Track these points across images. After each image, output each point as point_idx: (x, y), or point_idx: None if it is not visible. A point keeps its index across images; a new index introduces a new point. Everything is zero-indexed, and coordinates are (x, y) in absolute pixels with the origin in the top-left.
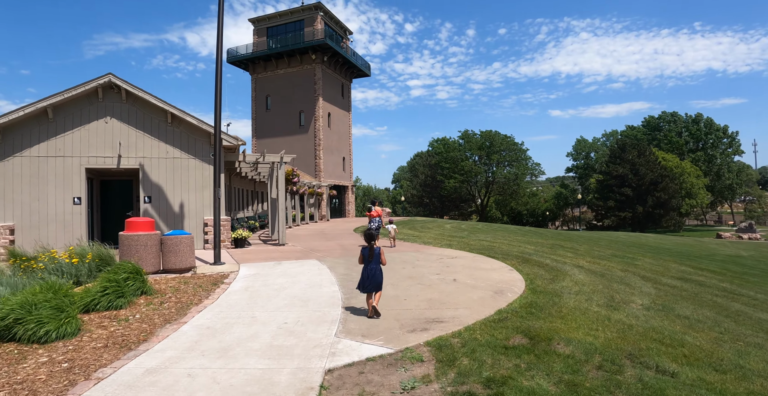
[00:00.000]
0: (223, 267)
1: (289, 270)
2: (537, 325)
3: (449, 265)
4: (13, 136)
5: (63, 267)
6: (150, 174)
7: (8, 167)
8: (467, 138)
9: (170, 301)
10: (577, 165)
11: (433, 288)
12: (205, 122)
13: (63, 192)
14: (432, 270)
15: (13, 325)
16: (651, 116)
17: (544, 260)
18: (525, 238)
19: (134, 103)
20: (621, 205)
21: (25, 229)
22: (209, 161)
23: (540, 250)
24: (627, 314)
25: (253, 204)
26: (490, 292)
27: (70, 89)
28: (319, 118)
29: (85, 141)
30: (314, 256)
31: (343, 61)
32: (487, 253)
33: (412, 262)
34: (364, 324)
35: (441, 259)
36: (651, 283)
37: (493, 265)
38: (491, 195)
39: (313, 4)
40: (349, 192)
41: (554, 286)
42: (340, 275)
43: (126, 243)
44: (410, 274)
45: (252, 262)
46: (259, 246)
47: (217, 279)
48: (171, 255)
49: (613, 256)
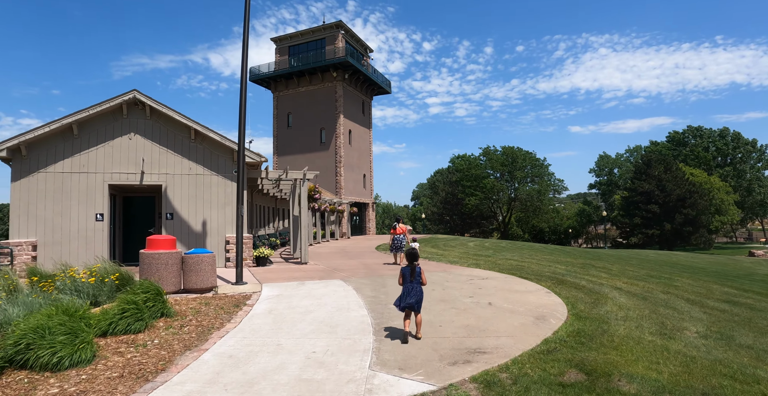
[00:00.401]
0: (245, 287)
1: (313, 291)
2: (591, 358)
3: (481, 287)
4: (39, 151)
5: (81, 287)
6: (172, 190)
7: (33, 183)
8: (488, 154)
9: (191, 325)
10: (600, 181)
11: (468, 313)
12: (228, 138)
13: (86, 208)
14: (464, 292)
15: (25, 351)
16: (675, 131)
17: (579, 281)
18: (553, 257)
19: (158, 120)
20: (648, 222)
21: (47, 246)
22: (232, 178)
23: (572, 271)
24: (685, 344)
25: (274, 221)
26: (531, 318)
27: (96, 105)
28: (339, 136)
29: (109, 157)
30: (338, 276)
31: (363, 78)
32: (518, 274)
33: (441, 284)
34: (399, 354)
35: (471, 281)
36: (698, 306)
37: (528, 287)
38: (513, 212)
39: (335, 22)
40: (370, 209)
41: (598, 310)
42: (367, 298)
43: (147, 261)
44: (441, 296)
45: (274, 281)
46: (281, 264)
47: (239, 300)
48: (192, 274)
49: (648, 276)
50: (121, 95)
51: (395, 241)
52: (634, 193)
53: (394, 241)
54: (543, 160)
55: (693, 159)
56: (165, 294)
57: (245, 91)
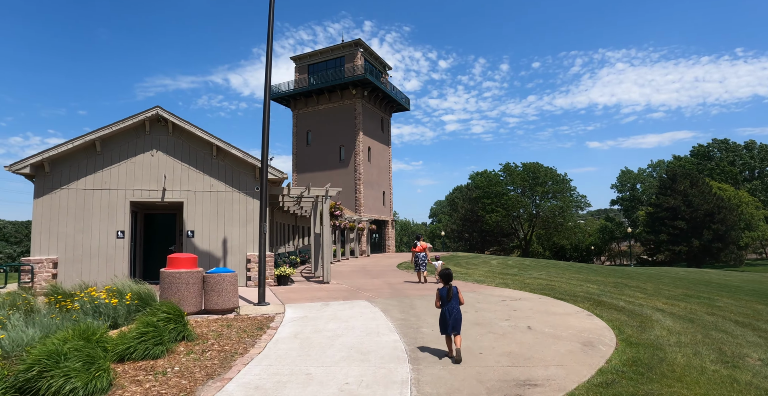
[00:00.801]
0: (267, 308)
1: (339, 313)
2: (656, 392)
3: (516, 309)
4: (61, 168)
5: (100, 308)
6: (194, 208)
7: (55, 200)
8: (509, 171)
9: (213, 350)
10: (622, 197)
11: (508, 338)
12: (250, 155)
13: (107, 225)
14: (499, 315)
15: (38, 379)
16: (700, 145)
17: (617, 302)
18: (582, 276)
19: (180, 136)
20: (674, 238)
21: (68, 263)
22: (253, 195)
23: (606, 291)
24: (753, 374)
25: (294, 238)
26: (577, 344)
27: (119, 122)
28: (359, 153)
29: (131, 174)
30: (363, 297)
31: (383, 95)
32: (551, 294)
33: (473, 305)
34: (442, 387)
35: (504, 302)
36: (750, 329)
37: (566, 309)
38: (535, 229)
39: (354, 41)
40: (389, 227)
41: (647, 335)
42: (396, 320)
43: (167, 280)
44: (476, 319)
45: (297, 302)
46: (303, 283)
47: (262, 322)
48: (213, 294)
49: (686, 296)
50: (144, 112)
51: (416, 259)
52: (659, 209)
53: (416, 259)
54: (564, 175)
55: (719, 173)
56: (185, 315)
57: (269, 105)
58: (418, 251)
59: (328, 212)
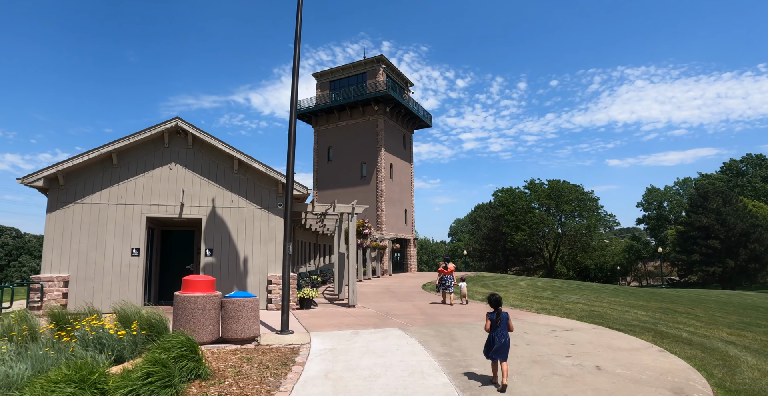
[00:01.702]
0: (291, 337)
1: (372, 344)
2: None
3: (573, 342)
4: (76, 181)
5: (104, 339)
6: (212, 224)
7: (68, 214)
8: (534, 187)
9: (231, 393)
10: (648, 216)
11: (578, 382)
12: (273, 169)
13: (121, 242)
14: (556, 350)
15: None
16: (733, 160)
17: (678, 333)
18: (621, 299)
19: (200, 149)
20: (708, 258)
21: (79, 281)
22: (276, 211)
23: (658, 318)
24: None
25: (315, 257)
26: (666, 392)
27: (137, 133)
28: (381, 170)
29: (148, 188)
30: (394, 324)
31: (405, 111)
32: (603, 323)
33: (521, 336)
34: None
35: (554, 333)
36: None
37: (631, 343)
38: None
39: (376, 57)
40: (411, 245)
41: (741, 379)
42: (440, 356)
43: (181, 305)
44: (531, 355)
45: (323, 329)
46: (326, 307)
47: (286, 355)
48: (232, 321)
49: (744, 324)
50: (163, 123)
51: (443, 281)
52: (690, 228)
53: (441, 281)
54: (591, 192)
55: (750, 190)
56: (199, 348)
57: (295, 115)
58: (446, 273)
59: (354, 230)
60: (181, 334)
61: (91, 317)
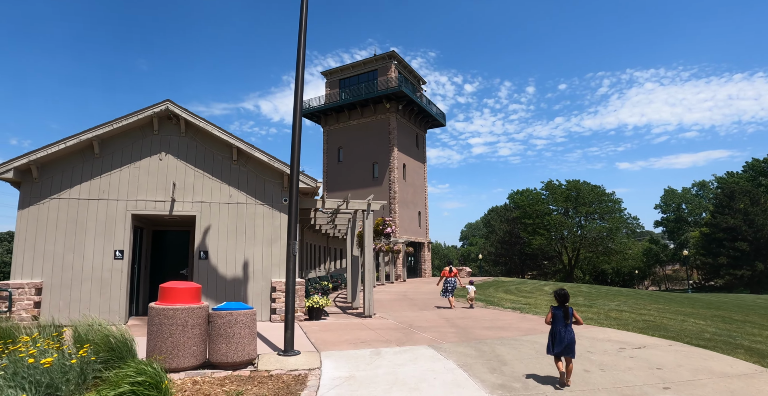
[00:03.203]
0: (297, 360)
1: (400, 370)
2: None
3: (658, 366)
4: (52, 173)
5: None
6: (208, 223)
7: (43, 211)
8: (552, 189)
9: None
10: (667, 218)
11: None
12: (277, 159)
13: (103, 243)
14: (640, 377)
15: None
16: (756, 159)
17: (764, 348)
18: (665, 306)
19: (194, 136)
20: (735, 261)
21: (54, 288)
22: (281, 208)
23: (724, 328)
24: None
25: (325, 262)
26: None
27: (121, 118)
28: (393, 170)
29: (134, 181)
30: (422, 340)
31: (417, 109)
32: (676, 337)
33: (585, 356)
34: None
35: (624, 351)
36: None
37: (734, 366)
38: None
39: (387, 53)
40: (425, 249)
41: None
42: (492, 387)
43: (156, 320)
44: (613, 386)
45: (336, 347)
46: (338, 317)
47: (290, 386)
48: (221, 341)
49: None
50: (151, 106)
51: (446, 284)
52: (716, 230)
53: (446, 284)
54: (612, 194)
55: None
56: (168, 381)
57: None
58: (449, 277)
59: (370, 230)
60: (143, 363)
61: (30, 337)
